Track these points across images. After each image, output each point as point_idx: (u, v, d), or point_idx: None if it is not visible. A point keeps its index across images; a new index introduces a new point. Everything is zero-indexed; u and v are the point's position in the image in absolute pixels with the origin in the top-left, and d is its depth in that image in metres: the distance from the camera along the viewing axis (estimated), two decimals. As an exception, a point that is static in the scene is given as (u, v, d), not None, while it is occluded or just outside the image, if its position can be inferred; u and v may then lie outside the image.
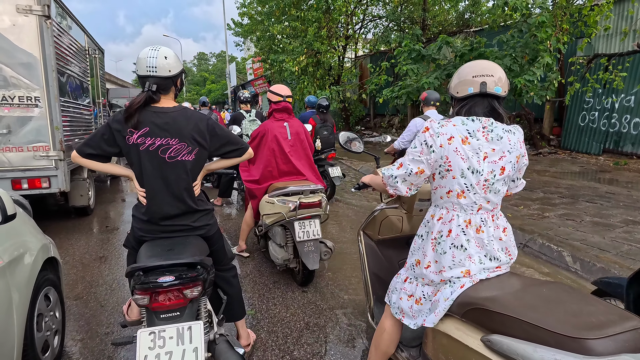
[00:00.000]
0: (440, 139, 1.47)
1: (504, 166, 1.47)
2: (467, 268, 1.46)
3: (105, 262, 3.77)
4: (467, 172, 1.46)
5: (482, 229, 1.49)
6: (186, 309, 1.57)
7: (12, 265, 1.75)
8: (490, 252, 1.49)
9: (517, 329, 1.18)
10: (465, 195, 1.47)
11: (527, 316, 1.18)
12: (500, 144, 1.47)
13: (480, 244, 1.48)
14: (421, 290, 1.58)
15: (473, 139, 1.46)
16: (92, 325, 2.64)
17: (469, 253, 1.47)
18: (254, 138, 3.40)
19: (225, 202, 5.95)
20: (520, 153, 1.52)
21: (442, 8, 14.82)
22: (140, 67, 1.83)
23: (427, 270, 1.54)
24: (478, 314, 1.32)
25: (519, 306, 1.24)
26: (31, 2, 3.85)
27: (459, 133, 1.46)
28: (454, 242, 1.48)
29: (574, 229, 4.20)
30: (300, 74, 13.20)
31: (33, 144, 4.09)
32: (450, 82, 1.61)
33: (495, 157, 1.47)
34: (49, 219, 5.08)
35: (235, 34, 19.85)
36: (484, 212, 1.50)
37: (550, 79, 7.96)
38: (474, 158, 1.45)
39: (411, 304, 1.59)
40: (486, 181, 1.46)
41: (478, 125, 1.47)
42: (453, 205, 1.51)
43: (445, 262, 1.48)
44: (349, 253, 3.92)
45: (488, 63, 1.53)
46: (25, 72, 3.95)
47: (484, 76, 1.47)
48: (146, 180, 1.82)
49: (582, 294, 1.33)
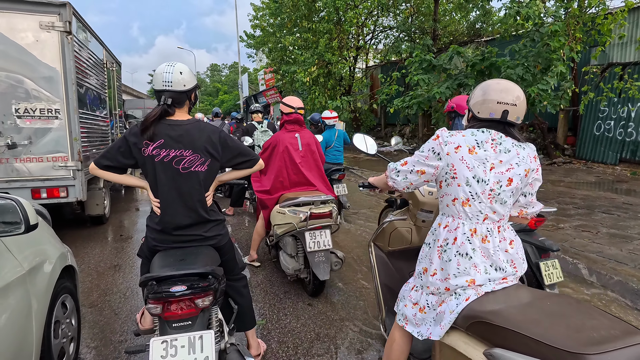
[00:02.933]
0: (448, 148, 1.53)
1: (511, 178, 1.50)
2: (472, 277, 1.47)
3: (119, 270, 3.84)
4: (472, 180, 1.49)
5: (487, 239, 1.51)
6: (198, 319, 1.60)
7: (32, 273, 1.81)
8: (496, 262, 1.50)
9: (520, 343, 1.18)
10: (471, 203, 1.50)
11: (529, 331, 1.18)
12: (508, 156, 1.50)
13: (485, 254, 1.50)
14: (425, 299, 1.59)
15: (480, 149, 1.50)
16: (106, 333, 2.69)
17: (474, 262, 1.48)
18: (265, 149, 3.45)
19: (236, 212, 6.00)
20: (531, 168, 1.54)
21: (453, 18, 14.88)
22: (156, 82, 1.90)
23: (434, 278, 1.55)
24: (482, 327, 1.33)
25: (522, 320, 1.23)
26: (54, 18, 4.02)
27: (466, 143, 1.51)
28: (459, 250, 1.50)
29: (590, 241, 4.12)
30: (312, 85, 13.35)
31: (52, 155, 4.22)
32: (472, 94, 1.63)
33: (503, 168, 1.49)
34: (65, 227, 5.20)
35: (247, 46, 20.25)
36: (490, 222, 1.52)
37: (564, 88, 7.89)
38: (480, 168, 1.49)
39: (415, 311, 1.61)
40: (492, 191, 1.49)
41: (487, 136, 1.52)
42: (459, 213, 1.54)
43: (451, 269, 1.50)
44: (360, 264, 3.91)
45: (513, 88, 1.55)
46: (46, 85, 4.10)
47: (508, 105, 1.51)
48: (160, 191, 1.87)
49: (586, 307, 1.33)
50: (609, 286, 3.24)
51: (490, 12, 13.83)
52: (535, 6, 7.50)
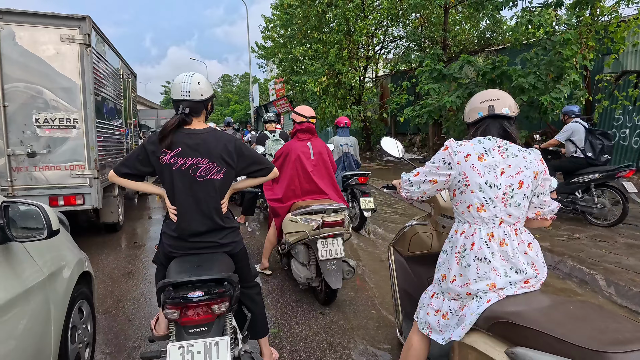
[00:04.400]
0: (458, 157, 1.58)
1: (521, 180, 1.54)
2: (492, 281, 1.48)
3: (133, 277, 3.88)
4: (484, 186, 1.54)
5: (505, 242, 1.52)
6: (214, 325, 1.61)
7: (51, 279, 1.85)
8: (516, 265, 1.51)
9: (542, 342, 1.18)
10: (485, 208, 1.54)
11: (552, 331, 1.18)
12: (516, 161, 1.55)
13: (504, 257, 1.52)
14: (448, 305, 1.60)
15: (489, 156, 1.55)
16: (121, 339, 2.71)
17: (493, 266, 1.50)
18: (277, 157, 3.48)
19: (247, 220, 6.04)
20: (539, 170, 1.59)
21: (463, 28, 14.90)
22: (174, 92, 1.95)
23: (453, 284, 1.57)
24: (503, 327, 1.34)
25: (545, 321, 1.24)
26: (74, 31, 4.15)
27: (475, 151, 1.57)
28: (478, 255, 1.52)
29: (607, 251, 4.03)
30: (322, 94, 13.45)
31: (70, 163, 4.32)
32: (465, 114, 1.76)
33: (512, 172, 1.54)
34: (80, 234, 5.29)
35: (258, 57, 20.56)
36: (506, 225, 1.55)
37: (577, 96, 7.81)
38: (491, 173, 1.54)
39: (438, 319, 1.62)
40: (504, 194, 1.53)
41: (494, 144, 1.58)
42: (474, 219, 1.57)
43: (471, 275, 1.51)
44: (372, 273, 3.89)
45: (495, 90, 1.68)
46: (65, 96, 4.22)
47: (490, 100, 1.62)
48: (177, 198, 1.91)
49: (610, 313, 1.33)
50: (628, 298, 3.16)
51: (501, 21, 13.82)
52: (547, 15, 7.49)
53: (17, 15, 4.00)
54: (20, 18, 4.01)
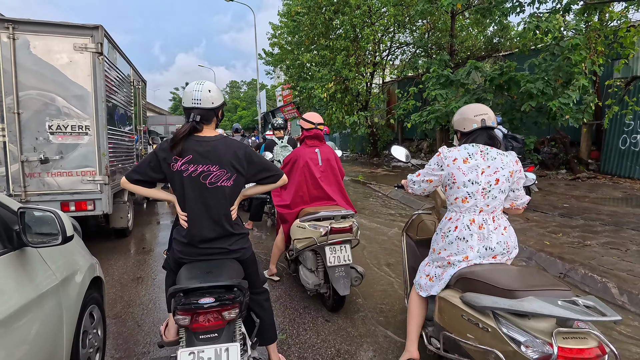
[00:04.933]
0: (447, 161, 2.04)
1: (498, 178, 1.99)
2: (467, 254, 1.98)
3: (142, 282, 3.91)
4: (467, 183, 1.99)
5: (483, 226, 1.99)
6: (224, 331, 1.62)
7: (64, 284, 1.87)
8: (488, 244, 1.97)
9: (481, 288, 1.72)
10: (468, 200, 2.00)
11: (490, 279, 1.72)
12: (495, 163, 1.99)
13: (481, 238, 1.98)
14: (434, 272, 2.11)
15: (472, 159, 2.00)
16: (130, 344, 2.73)
17: (470, 244, 1.97)
18: (286, 164, 3.50)
19: (255, 226, 6.06)
20: (514, 169, 2.02)
21: (470, 34, 14.89)
22: (186, 100, 1.98)
23: (439, 256, 2.08)
24: (463, 281, 1.89)
25: (488, 276, 1.76)
26: (87, 40, 4.24)
27: (461, 156, 2.02)
28: (459, 236, 2.01)
29: (619, 259, 3.97)
30: (329, 101, 13.50)
31: (81, 169, 4.38)
32: (453, 121, 2.18)
33: (491, 171, 1.99)
34: (89, 239, 5.34)
35: (266, 63, 20.72)
36: (485, 213, 2.01)
37: (587, 101, 7.75)
38: (474, 173, 1.99)
39: (426, 281, 2.14)
40: (484, 189, 1.98)
41: (477, 149, 2.02)
42: (460, 209, 2.04)
43: (452, 249, 2.02)
44: (380, 279, 3.88)
45: (482, 105, 2.12)
46: (77, 104, 4.30)
47: (482, 115, 2.06)
48: (188, 205, 1.93)
49: (541, 273, 1.86)
50: (642, 306, 3.10)
51: (508, 26, 13.79)
52: (555, 20, 7.46)
53: (32, 25, 4.10)
54: (34, 28, 4.10)
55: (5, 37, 3.98)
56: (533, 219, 5.71)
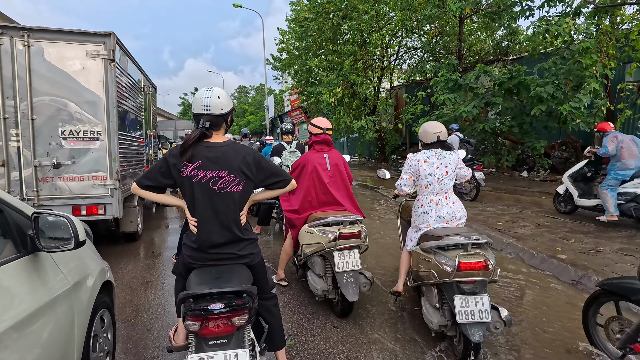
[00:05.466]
0: (413, 162, 3.01)
1: (447, 171, 2.95)
2: (428, 222, 2.94)
3: (151, 287, 3.94)
4: (428, 175, 2.95)
5: (439, 203, 2.95)
6: (233, 337, 1.62)
7: (76, 288, 1.89)
8: (441, 214, 2.92)
9: (430, 239, 2.68)
10: (429, 186, 2.96)
11: (432, 233, 2.72)
12: (445, 160, 2.96)
13: (437, 211, 2.93)
14: (412, 235, 3.07)
15: (430, 160, 2.96)
16: (139, 349, 2.74)
17: (430, 215, 2.94)
18: (294, 169, 3.50)
19: (263, 231, 6.07)
20: (456, 164, 2.99)
21: (479, 38, 14.83)
22: (195, 106, 1.99)
23: (415, 224, 3.06)
24: (423, 238, 2.86)
25: (433, 232, 2.76)
26: (99, 47, 4.31)
27: (422, 158, 2.98)
28: (423, 210, 2.98)
29: (634, 265, 3.89)
30: (337, 105, 13.52)
31: (92, 174, 4.44)
32: (419, 135, 3.10)
33: (443, 167, 2.94)
34: (100, 243, 5.40)
35: (274, 68, 20.83)
36: (440, 194, 2.97)
37: (598, 105, 7.66)
38: (431, 168, 2.94)
39: (408, 242, 3.10)
40: (438, 179, 2.94)
41: (432, 153, 2.99)
42: (424, 192, 3.01)
43: (420, 220, 2.99)
44: (389, 285, 3.85)
45: (437, 123, 3.06)
46: (89, 109, 4.37)
47: (438, 132, 2.99)
48: (197, 210, 1.94)
49: (464, 228, 2.94)
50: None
51: (517, 30, 13.71)
52: (565, 24, 7.40)
53: (46, 33, 4.18)
54: (49, 35, 4.19)
55: (20, 44, 4.07)
56: (544, 225, 5.64)
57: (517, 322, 3.05)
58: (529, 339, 2.82)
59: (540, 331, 2.95)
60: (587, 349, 2.64)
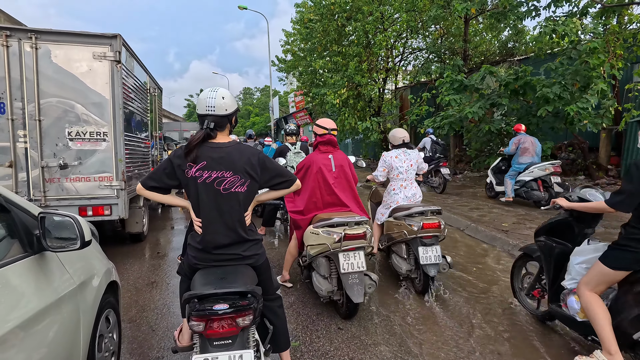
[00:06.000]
0: (387, 158, 3.97)
1: (411, 164, 3.95)
2: (397, 200, 3.91)
3: (156, 287, 3.95)
4: (398, 167, 3.91)
5: (406, 187, 3.95)
6: (238, 337, 1.62)
7: (81, 288, 1.90)
8: (407, 195, 3.92)
9: (399, 210, 3.76)
10: (399, 175, 3.93)
11: (401, 207, 3.82)
12: (410, 156, 3.96)
13: (406, 193, 3.92)
14: (383, 211, 4.01)
15: (399, 156, 3.95)
16: (144, 349, 2.75)
17: (399, 196, 3.92)
18: (299, 170, 3.50)
19: (268, 232, 6.07)
20: (418, 159, 4.01)
21: (484, 38, 14.76)
22: (200, 106, 2.00)
23: (386, 202, 4.01)
24: (394, 210, 3.85)
25: (400, 206, 3.84)
26: (105, 49, 4.34)
27: (393, 155, 3.96)
28: (394, 192, 3.95)
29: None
30: (341, 106, 13.51)
31: (99, 175, 4.47)
32: (390, 139, 4.10)
33: (408, 161, 3.94)
34: (105, 244, 5.42)
35: (279, 70, 20.86)
36: (406, 181, 3.95)
37: (606, 106, 7.57)
38: (400, 162, 3.92)
39: (379, 216, 4.06)
40: (406, 170, 3.92)
41: (400, 151, 3.97)
42: (395, 180, 3.97)
43: (391, 199, 3.96)
44: (393, 286, 3.83)
45: (402, 130, 4.06)
46: (96, 111, 4.40)
47: (403, 137, 4.01)
48: (202, 211, 1.94)
49: (424, 203, 3.93)
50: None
51: (523, 31, 13.62)
52: (572, 23, 7.34)
53: (53, 35, 4.22)
54: (56, 37, 4.23)
55: (28, 46, 4.11)
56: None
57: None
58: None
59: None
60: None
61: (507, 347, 2.75)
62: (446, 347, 2.74)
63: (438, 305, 3.42)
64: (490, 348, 2.73)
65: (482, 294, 3.68)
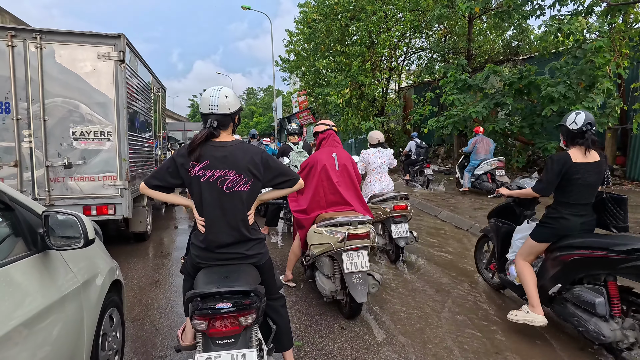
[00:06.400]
0: (365, 155, 4.78)
1: (385, 160, 4.76)
2: (374, 190, 4.69)
3: (160, 286, 3.96)
4: (374, 163, 4.73)
5: (380, 180, 4.74)
6: (240, 336, 1.61)
7: (85, 287, 1.90)
8: (381, 185, 4.71)
9: (377, 196, 4.55)
10: (374, 169, 4.76)
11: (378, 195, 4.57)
12: (383, 154, 4.78)
13: (380, 184, 4.71)
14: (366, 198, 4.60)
15: (375, 154, 4.76)
16: (148, 348, 2.75)
17: (376, 187, 4.71)
18: (303, 168, 3.49)
19: (271, 231, 6.07)
20: (390, 156, 4.82)
21: (488, 38, 14.69)
22: (203, 105, 1.99)
23: (364, 192, 4.68)
24: (371, 198, 4.61)
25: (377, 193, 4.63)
26: (110, 49, 4.36)
27: (370, 153, 4.78)
28: (371, 184, 4.75)
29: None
30: (345, 106, 13.50)
31: (103, 174, 4.49)
32: (368, 138, 4.95)
33: (382, 158, 4.75)
34: (109, 243, 5.44)
35: (282, 70, 20.87)
36: (381, 174, 4.76)
37: (612, 105, 7.51)
38: (374, 158, 4.74)
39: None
40: (380, 165, 4.73)
41: (376, 149, 4.80)
42: (372, 174, 4.78)
43: (369, 189, 4.74)
44: (397, 286, 3.81)
45: (379, 132, 4.91)
46: (100, 111, 4.42)
47: (379, 138, 4.86)
48: (205, 210, 1.94)
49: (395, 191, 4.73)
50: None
51: (528, 30, 13.54)
52: (577, 22, 7.29)
53: (58, 35, 4.24)
54: (60, 37, 4.25)
55: (33, 46, 4.13)
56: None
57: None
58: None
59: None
60: None
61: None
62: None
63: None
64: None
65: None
